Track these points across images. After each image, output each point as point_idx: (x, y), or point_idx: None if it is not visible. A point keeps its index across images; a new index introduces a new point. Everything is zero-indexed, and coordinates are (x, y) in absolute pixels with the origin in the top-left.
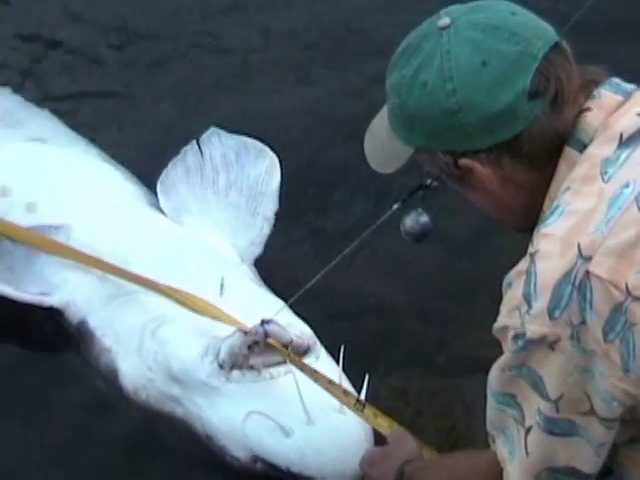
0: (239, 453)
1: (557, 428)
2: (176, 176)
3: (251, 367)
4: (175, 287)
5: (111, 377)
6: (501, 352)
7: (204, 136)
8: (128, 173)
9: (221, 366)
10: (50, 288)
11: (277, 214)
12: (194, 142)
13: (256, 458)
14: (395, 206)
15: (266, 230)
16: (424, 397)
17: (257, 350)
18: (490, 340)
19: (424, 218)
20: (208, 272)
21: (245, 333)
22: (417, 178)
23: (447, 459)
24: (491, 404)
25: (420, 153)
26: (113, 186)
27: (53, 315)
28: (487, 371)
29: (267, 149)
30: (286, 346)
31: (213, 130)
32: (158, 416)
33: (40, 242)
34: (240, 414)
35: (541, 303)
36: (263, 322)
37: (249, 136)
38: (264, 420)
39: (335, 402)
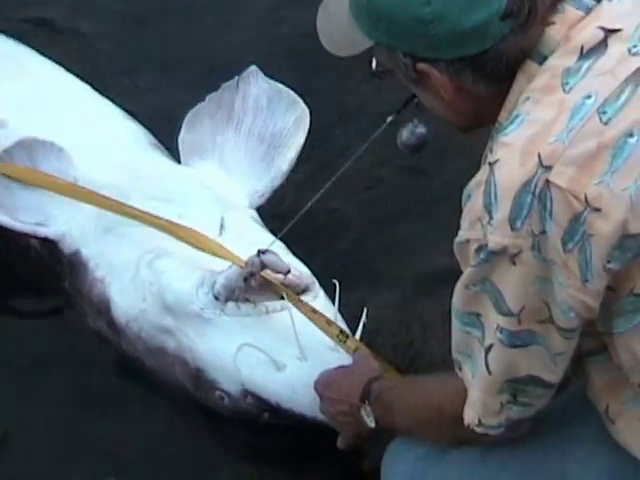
0: (229, 387)
1: (519, 340)
2: (206, 111)
3: (247, 300)
4: (175, 221)
5: (102, 309)
6: (460, 270)
7: (243, 74)
8: (125, 112)
9: (216, 298)
10: (46, 219)
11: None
12: (236, 79)
13: (246, 392)
14: (389, 118)
15: (276, 182)
16: (381, 314)
17: (253, 283)
18: (450, 258)
19: (420, 129)
20: (209, 212)
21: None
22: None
23: (418, 383)
24: (456, 327)
25: (379, 48)
26: (108, 117)
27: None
28: (445, 287)
29: (300, 101)
30: (283, 284)
31: (252, 69)
32: (148, 350)
33: (38, 179)
34: (233, 346)
35: (502, 213)
36: (260, 252)
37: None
38: (256, 353)
39: (329, 340)
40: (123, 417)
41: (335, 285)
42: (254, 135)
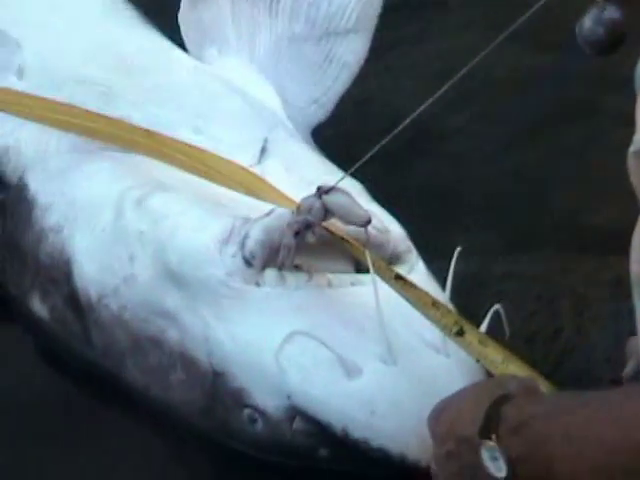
0: (266, 402)
1: None
2: None
3: (297, 267)
4: (185, 140)
5: (57, 276)
6: None
7: None
8: None
9: (248, 262)
10: None
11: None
12: None
13: (294, 411)
14: None
15: (340, 85)
16: (511, 288)
17: (310, 239)
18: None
19: (612, 13)
20: (241, 127)
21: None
22: None
23: (597, 401)
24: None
25: None
26: None
27: None
28: (609, 249)
29: None
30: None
31: None
32: (134, 346)
33: None
34: (274, 338)
35: None
36: (321, 191)
37: None
38: (313, 349)
39: (433, 332)
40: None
41: (455, 251)
42: (300, 16)
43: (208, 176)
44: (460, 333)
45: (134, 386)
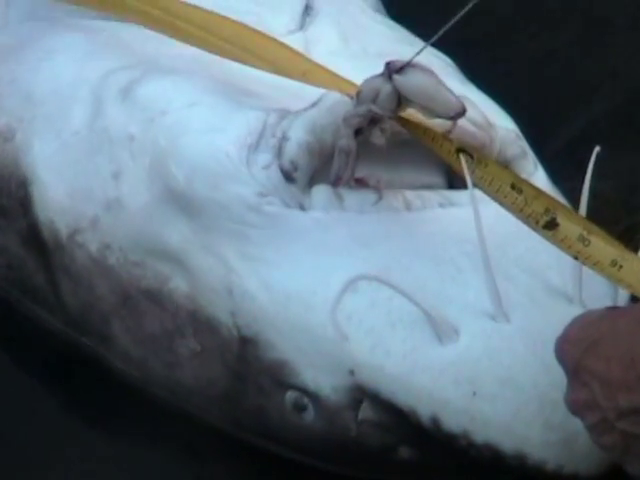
0: (319, 380)
1: None
2: None
3: (359, 182)
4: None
5: (11, 206)
6: None
7: None
8: None
9: (288, 176)
10: None
11: None
12: None
13: (361, 393)
14: None
15: None
16: None
17: (378, 138)
18: None
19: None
20: None
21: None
22: None
23: None
24: None
25: None
26: None
27: None
28: None
29: None
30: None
31: None
32: (125, 303)
33: None
34: (329, 286)
35: None
36: (392, 68)
37: None
38: (387, 302)
39: (562, 275)
40: None
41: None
42: None
43: (225, 52)
44: (551, 225)
45: (123, 361)
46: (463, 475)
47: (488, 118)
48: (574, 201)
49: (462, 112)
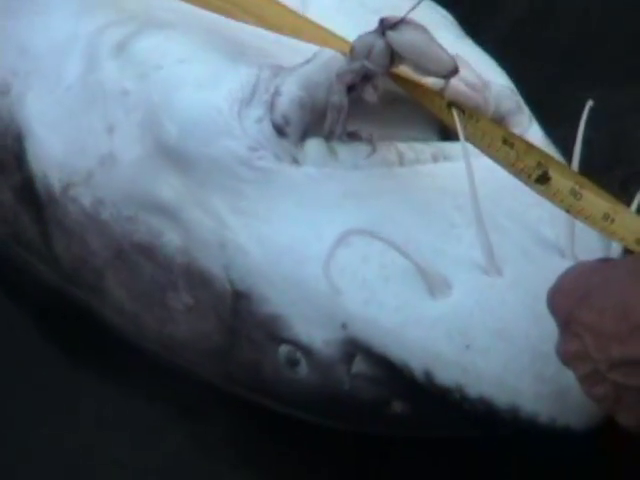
0: (312, 333)
1: None
2: None
3: (351, 136)
4: None
5: (5, 160)
6: None
7: None
8: None
9: (281, 130)
10: None
11: None
12: None
13: (354, 347)
14: None
15: None
16: None
17: (370, 94)
18: None
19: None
20: None
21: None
22: None
23: None
24: None
25: None
26: None
27: None
28: None
29: None
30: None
31: None
32: (118, 257)
33: None
34: (321, 239)
35: None
36: (385, 25)
37: None
38: (380, 256)
39: (554, 228)
40: None
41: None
42: None
43: (212, 6)
44: (543, 179)
45: (117, 315)
46: (455, 425)
47: (482, 78)
48: (566, 151)
49: (455, 71)
